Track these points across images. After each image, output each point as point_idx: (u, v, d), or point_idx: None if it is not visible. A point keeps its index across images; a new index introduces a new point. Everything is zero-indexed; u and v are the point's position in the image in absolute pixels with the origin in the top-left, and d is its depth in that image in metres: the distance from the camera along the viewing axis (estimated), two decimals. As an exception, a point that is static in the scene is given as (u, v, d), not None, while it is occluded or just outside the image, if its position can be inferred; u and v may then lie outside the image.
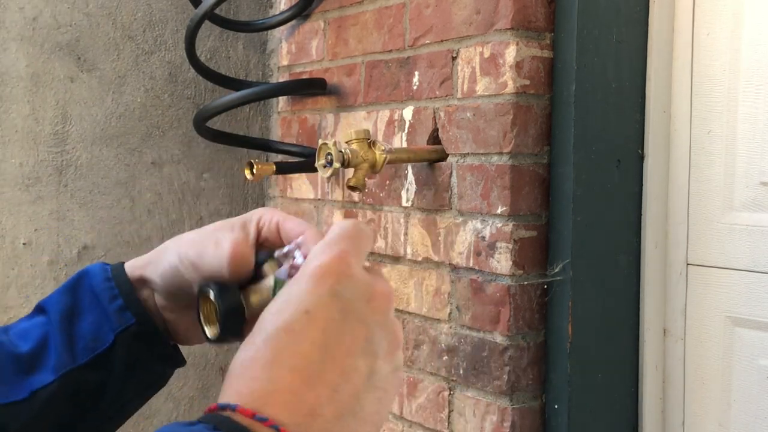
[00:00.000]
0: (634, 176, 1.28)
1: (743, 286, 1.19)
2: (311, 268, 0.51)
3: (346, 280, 0.50)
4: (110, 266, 0.65)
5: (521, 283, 1.23)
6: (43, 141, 1.65)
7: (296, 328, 0.48)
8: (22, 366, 0.61)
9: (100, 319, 0.62)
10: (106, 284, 0.63)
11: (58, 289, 0.65)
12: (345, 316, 0.49)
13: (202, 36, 1.79)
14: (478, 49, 1.28)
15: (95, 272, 0.64)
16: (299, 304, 0.49)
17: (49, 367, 0.61)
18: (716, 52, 1.24)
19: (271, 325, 0.49)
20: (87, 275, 0.64)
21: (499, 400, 1.24)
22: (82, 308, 0.63)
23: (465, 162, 1.30)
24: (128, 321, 0.63)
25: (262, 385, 0.46)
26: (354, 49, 1.57)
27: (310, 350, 0.47)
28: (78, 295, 0.64)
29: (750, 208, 1.19)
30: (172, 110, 1.79)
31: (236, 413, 0.45)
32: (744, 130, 1.20)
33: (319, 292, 0.49)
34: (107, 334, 0.62)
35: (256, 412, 0.44)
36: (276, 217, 0.64)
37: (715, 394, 1.23)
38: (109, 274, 0.64)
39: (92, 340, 0.62)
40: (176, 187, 1.79)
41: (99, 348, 0.62)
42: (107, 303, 0.63)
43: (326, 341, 0.48)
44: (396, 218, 1.45)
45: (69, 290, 0.64)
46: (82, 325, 0.62)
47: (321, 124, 1.68)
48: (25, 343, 0.62)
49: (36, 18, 1.64)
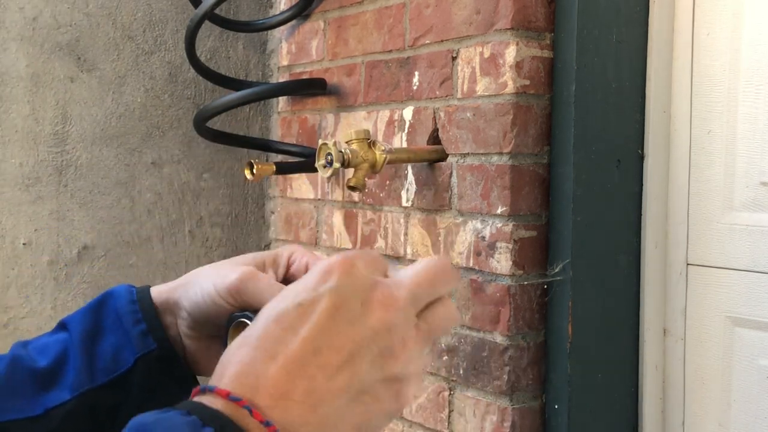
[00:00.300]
0: (634, 176, 1.28)
1: (743, 286, 1.19)
2: (319, 266, 0.51)
3: (345, 278, 0.50)
4: (136, 289, 0.65)
5: (521, 283, 1.23)
6: (43, 141, 1.65)
7: (286, 320, 0.48)
8: (40, 382, 0.61)
9: (121, 341, 0.62)
10: (131, 307, 0.63)
11: (83, 308, 0.65)
12: (338, 314, 0.49)
13: (202, 36, 1.79)
14: (478, 49, 1.28)
15: (120, 294, 0.64)
16: (295, 297, 0.50)
17: (66, 385, 0.61)
18: (716, 52, 1.24)
19: (264, 316, 0.49)
20: (112, 296, 0.64)
21: (499, 400, 1.24)
22: (104, 329, 0.63)
23: (465, 162, 1.30)
24: (150, 346, 0.63)
25: (241, 368, 0.46)
26: (354, 49, 1.57)
27: (295, 341, 0.47)
28: (101, 315, 0.64)
29: (750, 208, 1.19)
30: (172, 110, 1.79)
31: (213, 394, 0.45)
32: (744, 130, 1.20)
33: (317, 287, 0.50)
34: (128, 357, 0.62)
35: (230, 392, 0.45)
36: (306, 257, 0.65)
37: (715, 394, 1.23)
38: (135, 297, 0.64)
39: (112, 362, 0.62)
40: (176, 187, 1.79)
41: (118, 370, 0.62)
42: (130, 326, 0.63)
43: (314, 336, 0.48)
44: (396, 218, 1.45)
45: (93, 310, 0.64)
46: (103, 345, 0.62)
47: (321, 124, 1.68)
48: (44, 359, 0.62)
49: (36, 18, 1.64)
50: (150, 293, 0.65)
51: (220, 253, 1.84)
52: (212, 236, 1.84)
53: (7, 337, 1.62)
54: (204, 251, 1.82)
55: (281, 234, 1.82)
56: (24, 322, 1.63)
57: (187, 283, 0.64)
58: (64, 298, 1.67)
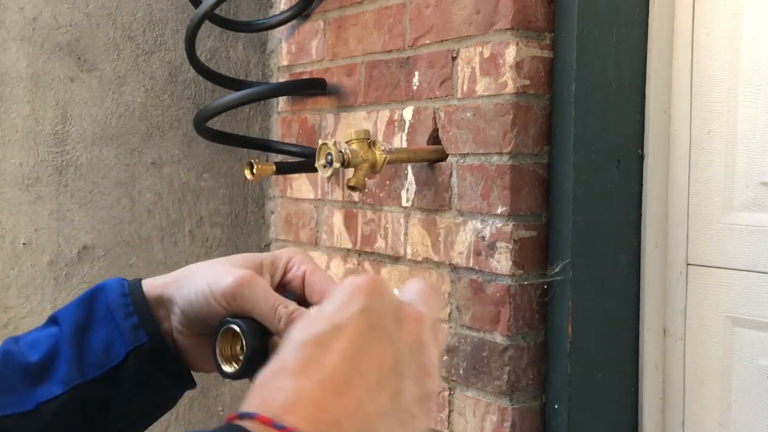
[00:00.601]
0: (634, 176, 1.28)
1: (743, 286, 1.19)
2: (343, 287, 0.51)
3: (377, 297, 0.50)
4: (128, 282, 0.64)
5: (521, 283, 1.23)
6: (43, 141, 1.65)
7: (324, 341, 0.47)
8: (31, 376, 0.61)
9: (112, 334, 0.62)
10: (122, 300, 0.63)
11: (73, 301, 0.64)
12: (374, 332, 0.49)
13: (202, 36, 1.79)
14: (478, 49, 1.28)
15: (111, 287, 0.64)
16: (329, 318, 0.49)
17: (57, 380, 0.61)
18: (716, 52, 1.24)
19: (299, 338, 0.48)
20: (103, 290, 0.64)
21: (499, 400, 1.24)
22: (95, 322, 0.62)
23: (465, 162, 1.30)
24: (141, 339, 0.62)
25: (286, 395, 0.45)
26: (354, 49, 1.57)
27: (338, 362, 0.47)
28: (92, 309, 0.63)
29: (750, 208, 1.19)
30: (172, 110, 1.79)
31: (255, 421, 0.44)
32: (744, 130, 1.20)
33: (349, 307, 0.49)
34: (119, 351, 0.61)
35: (275, 419, 0.43)
36: (305, 265, 0.64)
37: (715, 394, 1.23)
38: (126, 290, 0.63)
39: (103, 356, 0.61)
40: (176, 187, 1.79)
41: (109, 364, 0.61)
42: (121, 319, 0.62)
43: (354, 355, 0.47)
44: (396, 218, 1.45)
45: (84, 303, 0.63)
46: (94, 339, 0.62)
47: (321, 124, 1.68)
48: (35, 353, 0.62)
49: (36, 18, 1.64)
50: (142, 286, 0.64)
51: (220, 253, 1.84)
52: (212, 236, 1.84)
53: (7, 337, 1.62)
54: (204, 251, 1.82)
55: (281, 234, 1.82)
56: (24, 322, 1.63)
57: (180, 279, 0.64)
58: (64, 298, 1.67)
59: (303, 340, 0.48)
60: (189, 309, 0.62)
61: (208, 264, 0.64)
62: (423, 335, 0.51)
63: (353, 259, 1.57)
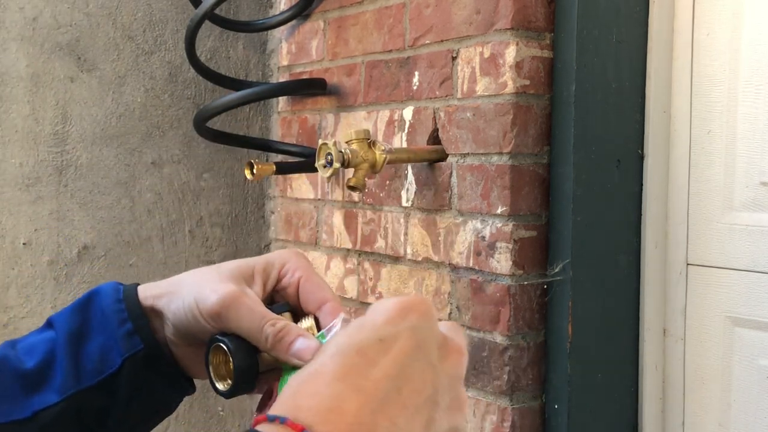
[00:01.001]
0: (634, 176, 1.28)
1: (743, 286, 1.19)
2: (393, 302, 0.49)
3: (426, 319, 0.49)
4: (123, 287, 0.64)
5: (521, 283, 1.23)
6: (43, 141, 1.65)
7: (369, 353, 0.46)
8: (27, 383, 0.60)
9: (108, 341, 0.61)
10: (116, 306, 0.62)
11: (70, 306, 0.63)
12: (419, 355, 0.47)
13: (202, 36, 1.79)
14: (478, 49, 1.28)
15: (106, 292, 0.63)
16: (374, 331, 0.47)
17: (54, 388, 0.60)
18: (716, 52, 1.24)
19: (340, 344, 0.47)
20: (98, 295, 0.63)
21: (499, 400, 1.24)
22: (90, 329, 0.62)
23: (465, 162, 1.30)
24: (137, 346, 0.61)
25: (322, 401, 0.44)
26: (354, 49, 1.57)
27: (380, 377, 0.45)
28: (88, 315, 0.62)
29: (750, 208, 1.19)
30: (172, 110, 1.79)
31: (285, 427, 0.42)
32: (744, 130, 1.20)
33: (397, 324, 0.48)
34: (115, 358, 0.61)
35: (306, 428, 0.42)
36: (299, 272, 0.62)
37: (715, 394, 1.23)
38: (121, 295, 0.62)
39: (99, 363, 0.61)
40: (176, 187, 1.79)
41: (106, 371, 0.61)
42: (116, 326, 0.61)
43: (398, 373, 0.46)
44: (396, 218, 1.45)
45: (79, 309, 0.63)
46: (90, 346, 0.61)
47: (321, 124, 1.68)
48: (31, 359, 0.61)
49: (36, 18, 1.64)
50: (137, 292, 0.63)
51: (220, 253, 1.84)
52: (212, 236, 1.84)
53: (7, 337, 1.62)
54: (204, 251, 1.82)
55: (281, 234, 1.82)
56: (24, 322, 1.63)
57: (171, 292, 0.62)
58: (64, 298, 1.67)
59: (345, 347, 0.47)
60: (179, 324, 0.61)
61: (197, 275, 0.62)
62: (461, 369, 0.50)
63: (353, 259, 1.57)
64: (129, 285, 0.64)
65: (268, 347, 0.57)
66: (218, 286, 0.59)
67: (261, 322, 0.57)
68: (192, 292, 0.60)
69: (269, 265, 0.62)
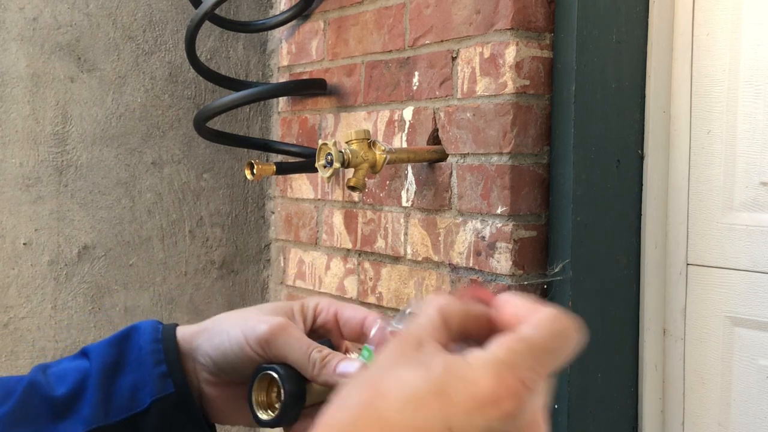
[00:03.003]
0: (634, 176, 1.28)
1: (743, 286, 1.19)
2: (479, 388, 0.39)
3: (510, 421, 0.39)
4: (162, 327, 0.64)
5: (521, 283, 1.23)
6: (44, 141, 1.65)
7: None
8: (54, 410, 0.60)
9: (140, 380, 0.61)
10: (154, 346, 0.62)
11: (107, 339, 0.64)
12: None
13: (202, 36, 1.79)
14: (478, 50, 1.28)
15: (145, 330, 0.63)
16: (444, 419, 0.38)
17: (80, 419, 0.60)
18: (716, 52, 1.24)
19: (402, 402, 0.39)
20: (137, 331, 0.63)
21: (499, 400, 1.24)
22: (125, 364, 0.62)
23: (465, 162, 1.30)
24: (168, 389, 0.61)
25: None
26: (354, 50, 1.57)
27: None
28: (124, 350, 0.62)
29: (750, 208, 1.19)
30: (172, 110, 1.79)
31: None
32: (744, 130, 1.20)
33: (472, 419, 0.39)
34: (144, 398, 0.61)
35: None
36: (333, 306, 0.64)
37: (714, 394, 1.23)
38: (160, 335, 0.63)
39: (129, 400, 0.61)
40: (176, 187, 1.79)
41: (134, 409, 0.61)
42: (151, 366, 0.61)
43: None
44: (396, 218, 1.45)
45: (116, 343, 0.63)
46: (122, 382, 0.61)
47: (321, 125, 1.68)
48: (61, 386, 0.61)
49: (36, 18, 1.64)
50: (176, 333, 0.63)
51: (220, 253, 1.84)
52: (212, 236, 1.84)
53: (7, 337, 1.62)
54: (204, 251, 1.82)
55: (281, 234, 1.82)
56: (24, 322, 1.64)
57: (210, 329, 0.63)
58: (64, 298, 1.67)
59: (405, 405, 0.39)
60: (221, 358, 0.61)
61: (240, 312, 0.64)
62: None
63: (353, 259, 1.57)
64: (168, 325, 0.65)
65: (315, 373, 0.58)
66: (266, 317, 0.61)
67: (308, 349, 0.59)
68: (238, 325, 0.61)
69: (305, 306, 0.65)
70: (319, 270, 1.68)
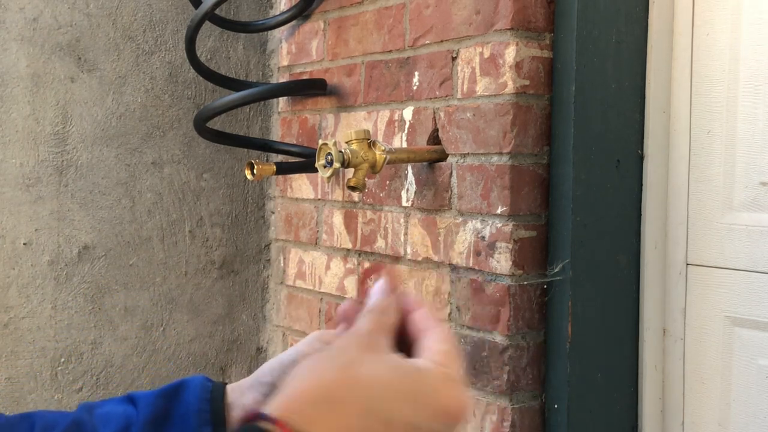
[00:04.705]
0: (634, 176, 1.29)
1: (743, 286, 1.19)
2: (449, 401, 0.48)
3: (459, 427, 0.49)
4: (212, 385, 0.64)
5: (521, 283, 1.23)
6: (44, 141, 1.65)
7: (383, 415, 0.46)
8: None
9: None
10: (202, 405, 0.62)
11: (156, 390, 0.64)
12: None
13: (202, 36, 1.79)
14: (478, 50, 1.28)
15: (195, 386, 0.64)
16: (413, 416, 0.47)
17: None
18: (716, 52, 1.24)
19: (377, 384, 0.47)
20: (187, 387, 0.64)
21: (499, 399, 1.24)
22: (171, 419, 0.62)
23: (465, 162, 1.30)
24: None
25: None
26: (354, 50, 1.57)
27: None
28: (172, 404, 0.63)
29: (750, 208, 1.19)
30: (173, 110, 1.79)
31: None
32: (744, 130, 1.20)
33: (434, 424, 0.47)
34: None
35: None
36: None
37: (714, 394, 1.23)
38: (208, 395, 0.63)
39: None
40: (176, 187, 1.80)
41: None
42: (196, 426, 0.62)
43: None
44: (396, 218, 1.45)
45: (165, 396, 0.63)
46: None
47: (321, 125, 1.68)
48: (105, 430, 0.61)
49: (36, 18, 1.64)
50: (225, 391, 0.64)
51: (220, 253, 1.84)
52: (212, 236, 1.84)
53: (7, 337, 1.62)
54: (204, 251, 1.82)
55: (281, 234, 1.82)
56: (24, 322, 1.64)
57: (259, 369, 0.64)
58: (65, 298, 1.67)
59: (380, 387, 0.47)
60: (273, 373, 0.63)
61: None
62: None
63: (353, 259, 1.57)
64: (218, 383, 0.65)
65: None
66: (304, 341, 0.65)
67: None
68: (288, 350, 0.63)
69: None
70: (319, 270, 1.68)
